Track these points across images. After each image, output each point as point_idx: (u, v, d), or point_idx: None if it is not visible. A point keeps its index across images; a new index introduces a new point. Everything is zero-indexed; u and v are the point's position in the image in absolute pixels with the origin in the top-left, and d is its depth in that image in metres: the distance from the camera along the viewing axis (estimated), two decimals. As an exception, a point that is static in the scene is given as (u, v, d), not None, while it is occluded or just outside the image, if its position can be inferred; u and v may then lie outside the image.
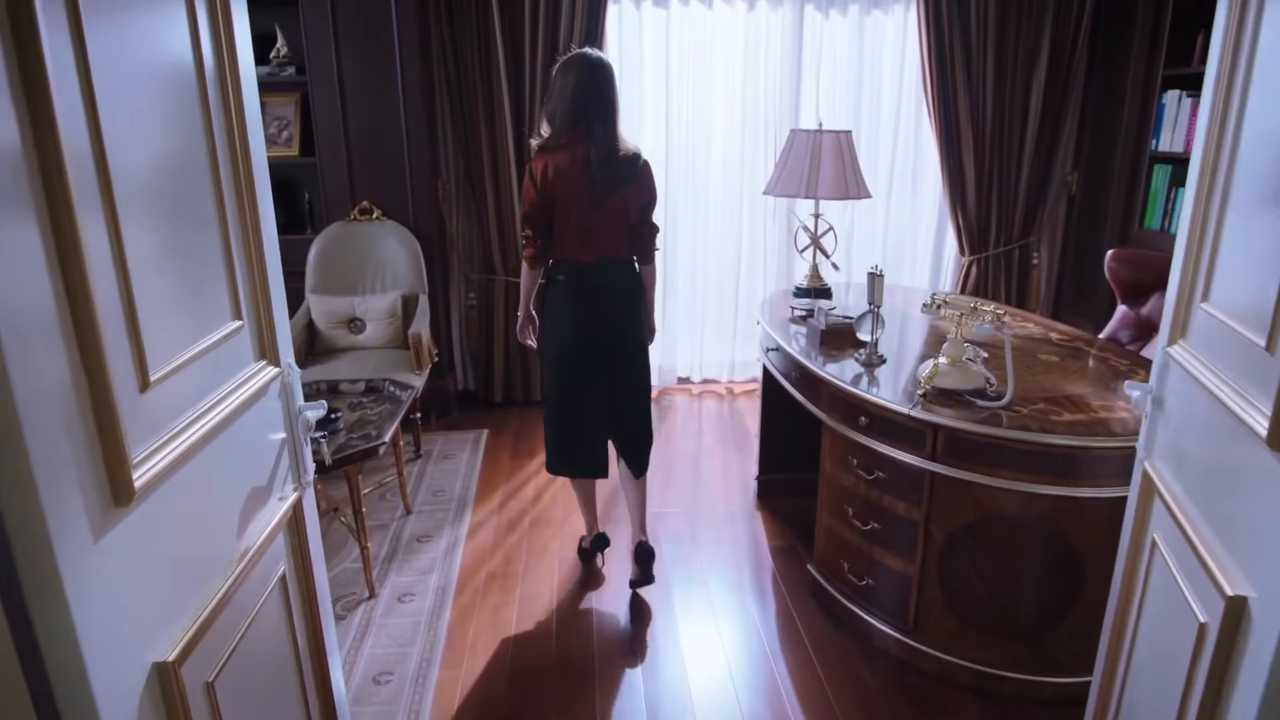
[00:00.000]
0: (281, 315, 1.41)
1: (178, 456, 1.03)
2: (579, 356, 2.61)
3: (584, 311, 2.56)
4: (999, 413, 2.11)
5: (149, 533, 0.98)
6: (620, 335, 2.63)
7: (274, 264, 1.38)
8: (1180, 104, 3.94)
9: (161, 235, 1.05)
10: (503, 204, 4.26)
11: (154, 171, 1.04)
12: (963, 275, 4.66)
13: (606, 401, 2.68)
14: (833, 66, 4.42)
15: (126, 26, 0.99)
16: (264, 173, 1.37)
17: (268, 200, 1.38)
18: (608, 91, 2.47)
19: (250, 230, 1.29)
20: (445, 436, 4.10)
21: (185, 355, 1.07)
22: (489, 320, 4.44)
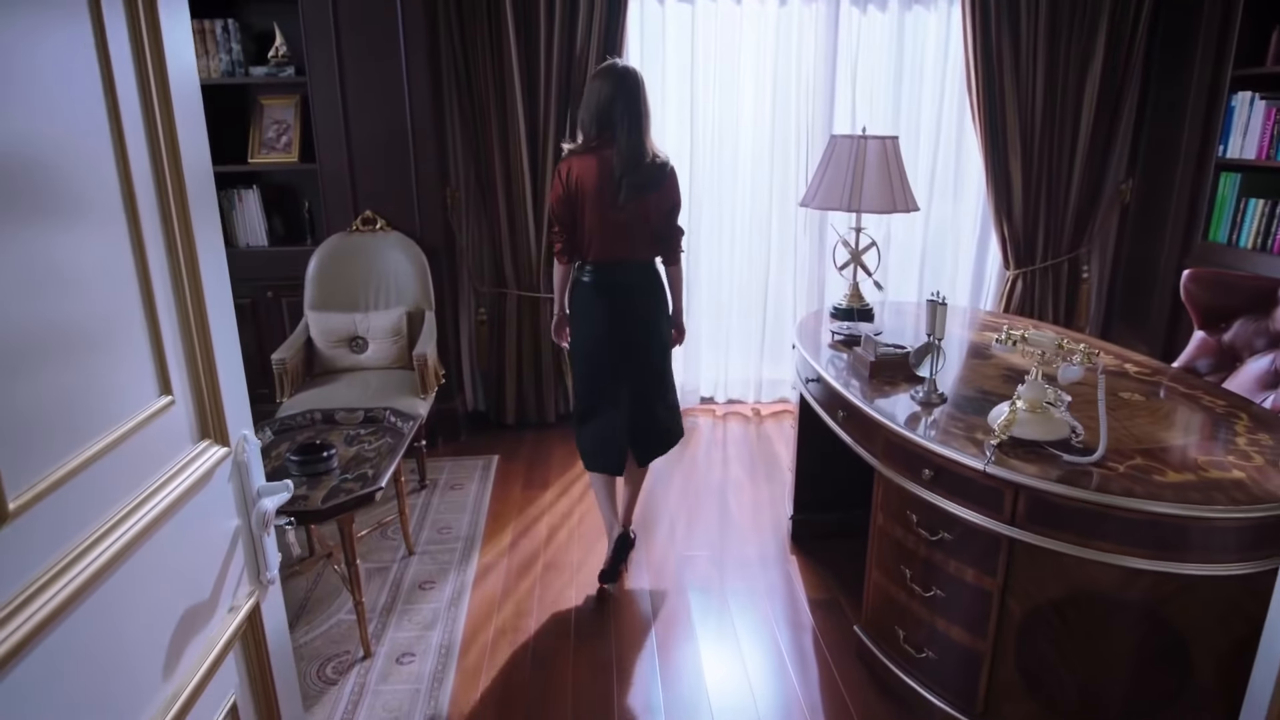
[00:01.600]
0: (233, 376, 1.12)
1: (64, 601, 0.75)
2: (599, 354, 2.74)
3: (604, 311, 2.68)
4: (1089, 470, 1.81)
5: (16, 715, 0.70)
6: (639, 336, 2.72)
7: (222, 312, 1.08)
8: (1253, 106, 3.61)
9: (22, 285, 0.75)
10: (515, 213, 3.98)
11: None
12: (1007, 290, 4.34)
13: (625, 400, 2.76)
14: (870, 66, 4.11)
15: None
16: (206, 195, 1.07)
17: (213, 230, 1.08)
18: (634, 100, 2.53)
19: (184, 271, 1.00)
20: (453, 463, 3.82)
21: (74, 458, 0.79)
22: (501, 337, 4.16)
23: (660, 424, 2.85)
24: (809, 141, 4.14)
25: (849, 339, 2.85)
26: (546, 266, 4.06)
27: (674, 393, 2.94)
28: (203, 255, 1.02)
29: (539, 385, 4.21)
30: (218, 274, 1.07)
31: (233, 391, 1.09)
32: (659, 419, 2.84)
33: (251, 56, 3.80)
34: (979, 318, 3.24)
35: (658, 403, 2.83)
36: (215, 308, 1.05)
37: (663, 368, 2.84)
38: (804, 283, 4.39)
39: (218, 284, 1.07)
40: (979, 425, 2.06)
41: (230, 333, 1.11)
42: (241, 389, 1.13)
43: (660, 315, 2.76)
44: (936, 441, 1.97)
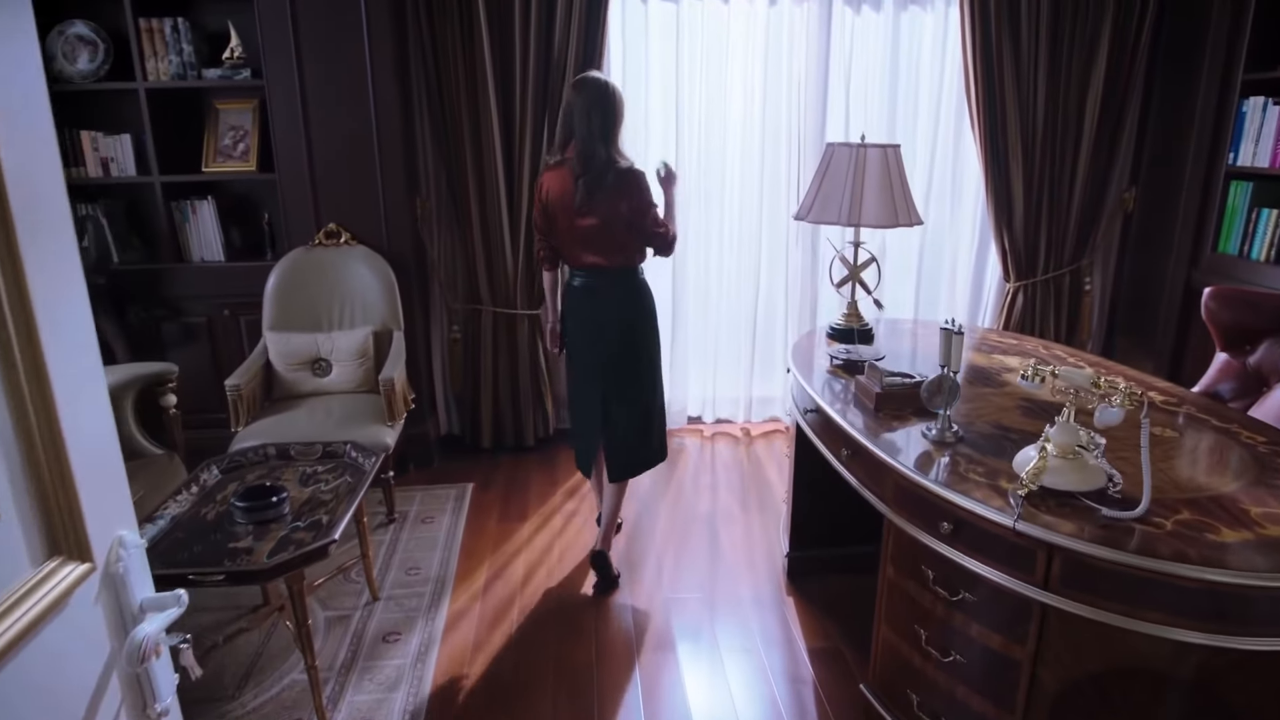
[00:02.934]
0: (100, 465, 0.87)
1: None
2: (579, 357, 2.86)
3: (584, 316, 2.79)
4: (1131, 526, 1.60)
5: None
6: (617, 346, 2.77)
7: (78, 381, 0.82)
8: (1266, 112, 3.44)
9: None
10: (490, 224, 3.74)
11: None
12: (1007, 303, 4.15)
13: (601, 406, 2.83)
14: (864, 69, 3.91)
15: None
16: (49, 217, 0.81)
17: (61, 264, 0.82)
18: (593, 105, 2.57)
19: (11, 330, 0.75)
20: (424, 493, 3.57)
21: None
22: (475, 356, 3.92)
23: (635, 442, 2.86)
24: (801, 148, 3.94)
25: (848, 364, 2.64)
26: (524, 281, 3.83)
27: (657, 410, 2.92)
28: (42, 304, 0.77)
29: (516, 407, 3.97)
30: (70, 328, 0.83)
31: (99, 486, 0.85)
32: (634, 436, 2.85)
33: (205, 58, 3.54)
34: (982, 337, 3.04)
35: (636, 417, 2.84)
36: (66, 375, 0.80)
37: (645, 381, 2.84)
38: (796, 297, 4.17)
39: (70, 341, 0.82)
40: (1002, 470, 1.84)
41: (97, 407, 0.87)
42: (116, 478, 0.89)
43: (642, 325, 2.79)
44: (956, 491, 1.75)
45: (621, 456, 2.87)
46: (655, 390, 2.90)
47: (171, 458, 2.88)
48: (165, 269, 3.64)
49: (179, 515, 2.27)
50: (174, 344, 3.72)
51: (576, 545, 3.14)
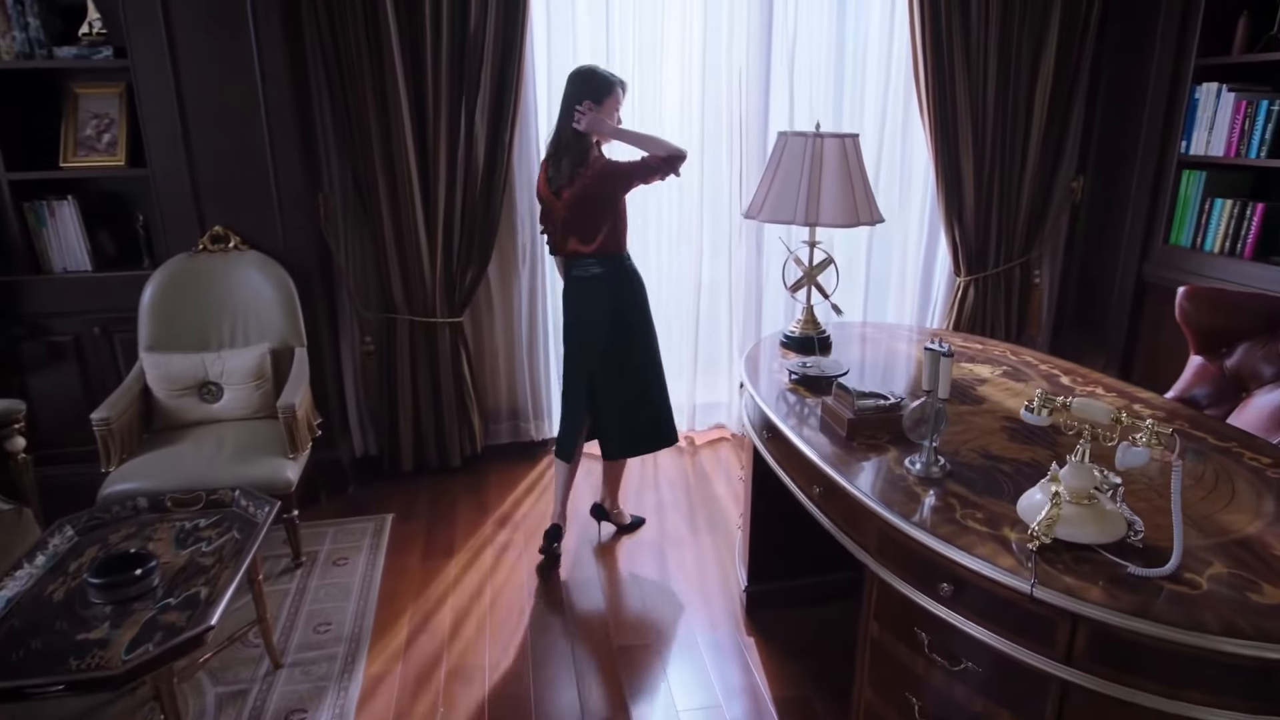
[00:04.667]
0: None
1: None
2: (569, 342, 2.92)
3: (572, 302, 2.88)
4: (1159, 585, 1.37)
5: None
6: (604, 330, 2.81)
7: None
8: (1219, 99, 3.32)
9: None
10: (404, 224, 3.34)
11: None
12: (958, 298, 3.97)
13: (587, 390, 2.88)
14: (809, 53, 3.65)
15: None
16: None
17: None
18: (568, 92, 2.66)
19: None
20: (337, 528, 3.18)
21: None
22: (392, 370, 3.52)
23: (633, 423, 2.91)
24: (743, 137, 3.66)
25: (809, 380, 2.38)
26: (443, 286, 3.46)
27: (658, 392, 2.96)
28: None
29: (440, 425, 3.59)
30: None
31: None
32: (632, 417, 2.91)
33: (57, 34, 3.03)
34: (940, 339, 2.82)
35: (629, 401, 2.89)
36: None
37: (636, 361, 2.87)
38: (740, 296, 3.91)
39: None
40: (1004, 515, 1.60)
41: None
42: None
43: (628, 310, 2.81)
44: (958, 546, 1.50)
45: (620, 437, 2.94)
46: (650, 371, 2.93)
47: (21, 512, 2.43)
48: (19, 282, 3.12)
49: (18, 595, 1.86)
50: (35, 368, 3.22)
51: (510, 586, 2.81)
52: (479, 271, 3.50)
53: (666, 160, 2.69)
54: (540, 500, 3.42)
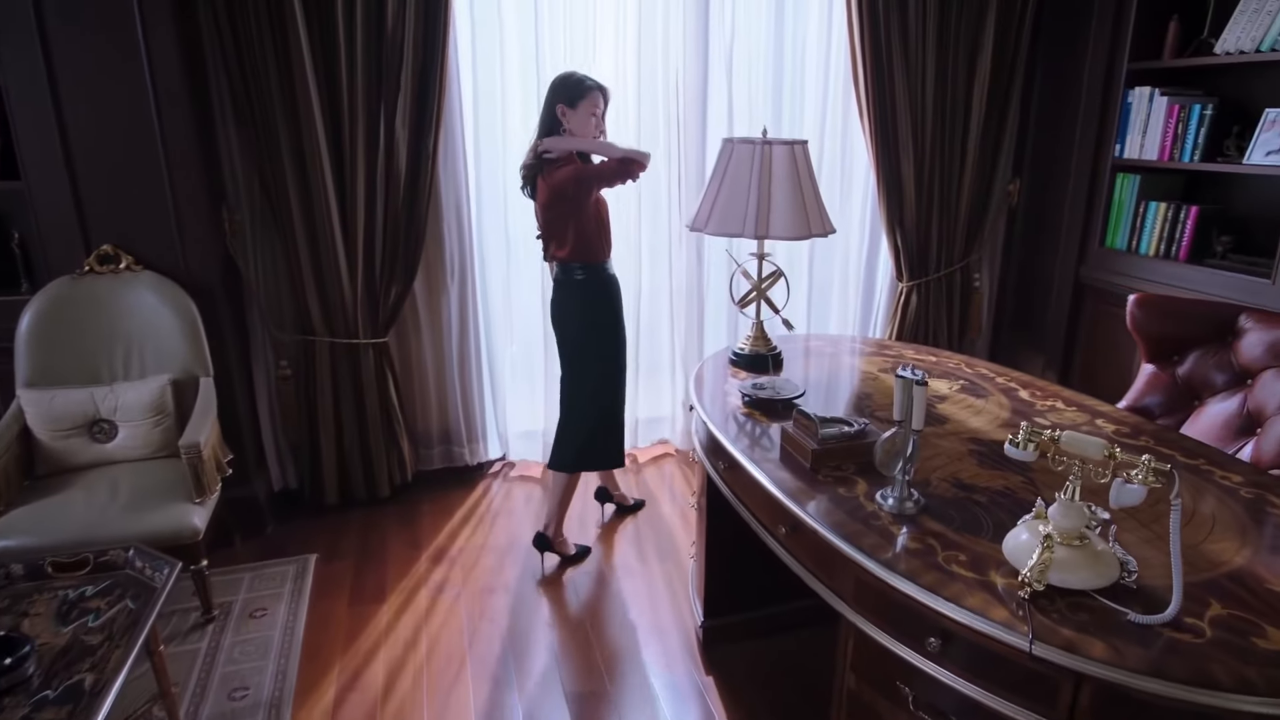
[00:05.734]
0: None
1: None
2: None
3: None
4: (1157, 630, 1.27)
5: None
6: (556, 329, 2.89)
7: None
8: (1152, 103, 3.33)
9: None
10: (320, 238, 3.08)
11: None
12: (900, 304, 3.92)
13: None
14: (747, 55, 3.53)
15: None
16: None
17: None
18: (545, 103, 2.68)
19: None
20: (253, 574, 2.90)
21: None
22: (312, 396, 3.26)
23: (560, 432, 2.94)
24: (682, 141, 3.51)
25: (761, 401, 2.24)
26: (365, 304, 3.21)
27: (577, 412, 2.89)
28: None
29: (366, 453, 3.34)
30: None
31: None
32: (560, 427, 2.94)
33: (-92, 30, 2.67)
34: (898, 354, 2.73)
35: (562, 409, 2.93)
36: None
37: (568, 375, 2.89)
38: (682, 306, 3.76)
39: None
40: (988, 556, 1.48)
41: None
42: None
43: (567, 322, 2.83)
44: (945, 597, 1.37)
45: (557, 440, 2.96)
46: (577, 390, 2.88)
47: None
48: None
49: None
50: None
51: (448, 632, 2.60)
52: (404, 287, 3.26)
53: (621, 164, 2.63)
54: (477, 531, 3.21)
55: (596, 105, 2.64)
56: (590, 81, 2.63)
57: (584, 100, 2.61)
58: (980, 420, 2.12)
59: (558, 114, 2.63)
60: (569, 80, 2.63)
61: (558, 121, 2.64)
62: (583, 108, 2.61)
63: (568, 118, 2.63)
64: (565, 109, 2.62)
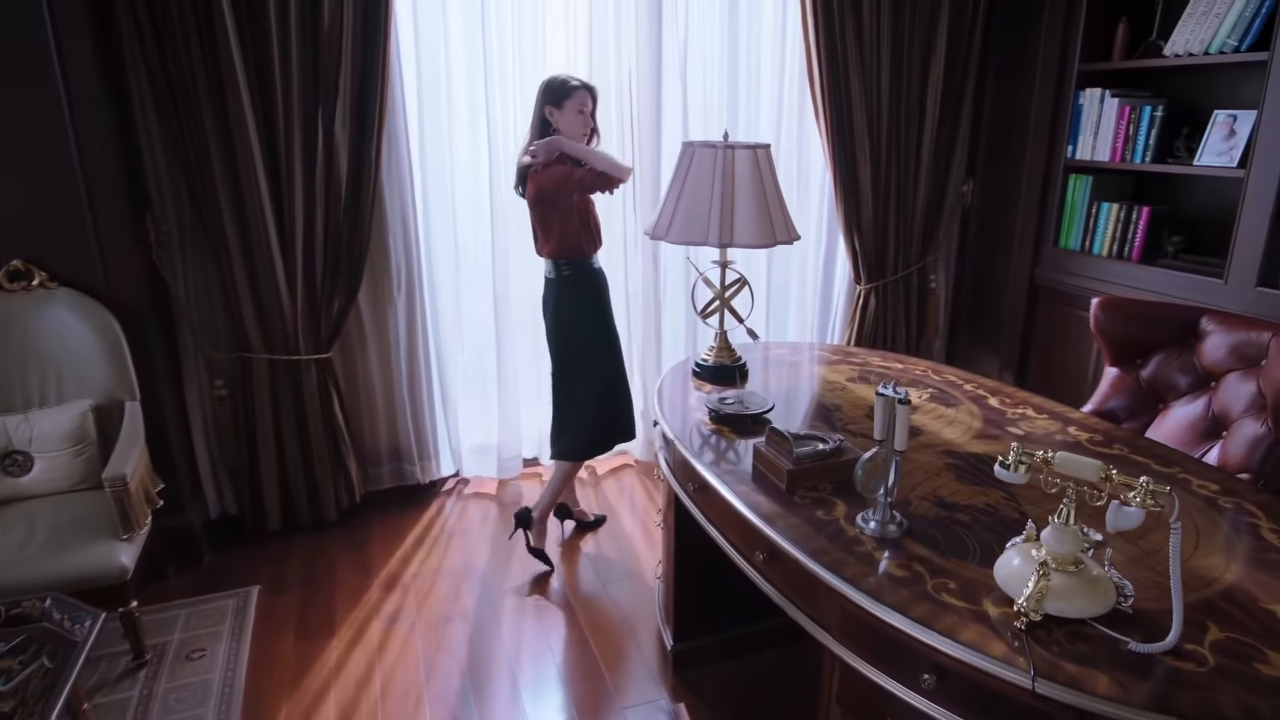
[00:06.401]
0: None
1: None
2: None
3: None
4: (1160, 660, 1.22)
5: None
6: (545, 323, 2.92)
7: None
8: (1104, 104, 3.35)
9: None
10: (255, 249, 2.90)
11: None
12: (859, 306, 3.88)
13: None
14: (702, 56, 3.45)
15: None
16: None
17: None
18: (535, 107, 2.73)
19: None
20: (190, 611, 2.71)
21: None
22: (250, 417, 3.06)
23: (556, 424, 2.98)
24: (636, 144, 3.41)
25: (729, 416, 2.15)
26: (307, 318, 3.04)
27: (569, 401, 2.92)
28: None
29: (311, 475, 3.16)
30: None
31: None
32: (555, 418, 2.98)
33: None
34: (864, 361, 2.67)
35: (555, 402, 2.97)
36: None
37: (557, 369, 2.93)
38: (639, 311, 3.66)
39: None
40: (977, 581, 1.42)
41: None
42: None
43: (551, 318, 2.86)
44: (938, 631, 1.30)
45: (553, 432, 3.01)
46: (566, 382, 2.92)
47: None
48: None
49: None
50: None
51: (403, 666, 2.45)
52: (348, 300, 3.10)
53: (600, 176, 2.68)
54: (431, 554, 3.06)
55: (583, 104, 2.68)
56: (575, 81, 2.68)
57: (569, 100, 2.66)
58: (954, 431, 2.07)
59: (546, 116, 2.68)
60: (553, 83, 2.69)
61: (547, 123, 2.69)
62: (569, 107, 2.66)
63: (556, 118, 2.67)
64: (553, 110, 2.67)
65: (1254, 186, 2.80)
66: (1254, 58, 2.78)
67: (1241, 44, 2.83)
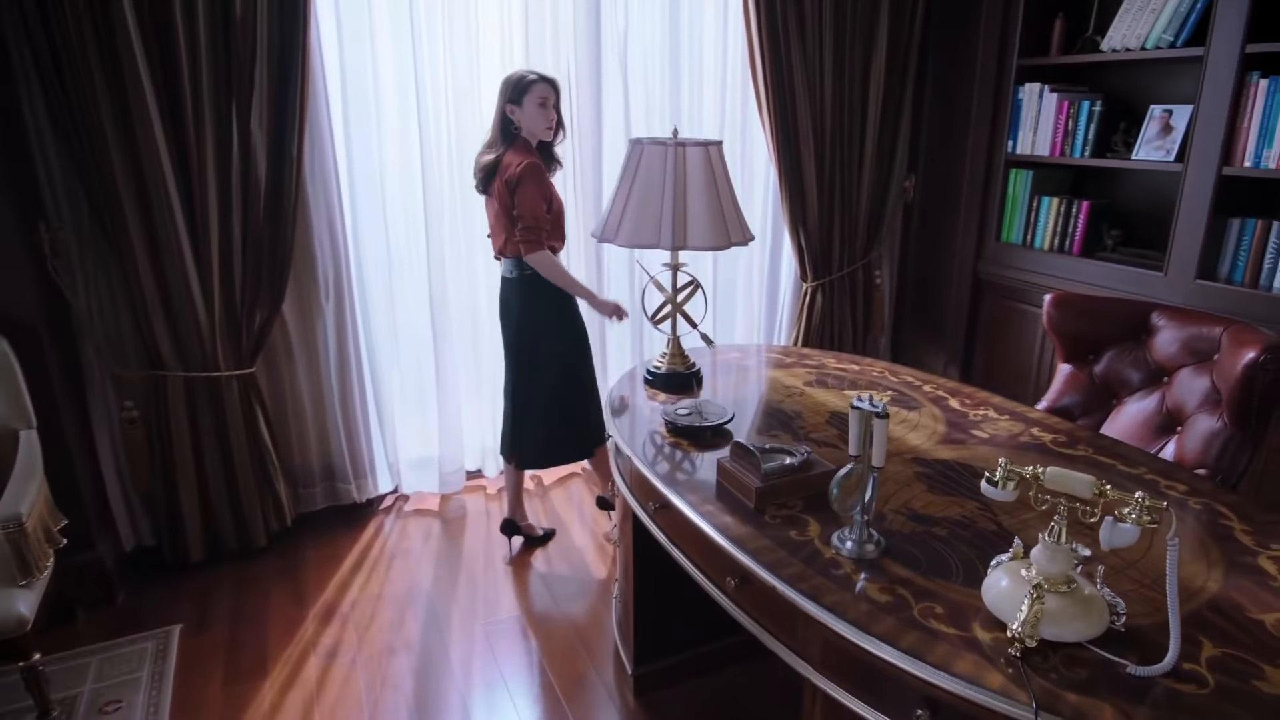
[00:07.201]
0: None
1: None
2: None
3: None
4: (1159, 683, 1.16)
5: None
6: (502, 328, 2.88)
7: None
8: (1042, 99, 3.36)
9: None
10: (165, 257, 2.67)
11: None
12: (805, 304, 3.84)
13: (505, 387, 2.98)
14: (643, 49, 3.34)
15: None
16: None
17: None
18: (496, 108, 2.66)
19: None
20: (102, 657, 2.47)
21: None
22: (166, 439, 2.83)
23: (511, 427, 2.95)
24: (577, 140, 3.27)
25: (687, 429, 2.05)
26: (226, 330, 2.82)
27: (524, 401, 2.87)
28: None
29: (236, 499, 2.94)
30: None
31: None
32: (510, 422, 2.95)
33: None
34: (819, 364, 2.61)
35: (508, 405, 2.95)
36: None
37: (511, 371, 2.89)
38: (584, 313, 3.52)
39: None
40: (963, 603, 1.35)
41: None
42: None
43: (510, 319, 2.81)
44: (930, 663, 1.22)
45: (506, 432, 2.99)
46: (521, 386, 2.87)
47: None
48: None
49: None
50: None
51: (344, 707, 2.28)
52: (271, 310, 2.89)
53: (520, 232, 2.64)
54: (371, 579, 2.88)
55: (544, 96, 2.62)
56: (532, 75, 2.62)
57: (528, 95, 2.60)
58: (919, 437, 2.01)
59: (508, 114, 2.63)
60: (511, 79, 2.63)
61: (510, 121, 2.63)
62: (528, 102, 2.61)
63: (517, 116, 2.62)
64: (513, 108, 2.62)
65: (1191, 180, 2.84)
66: (1189, 53, 2.81)
67: (1177, 39, 2.86)
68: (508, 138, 2.65)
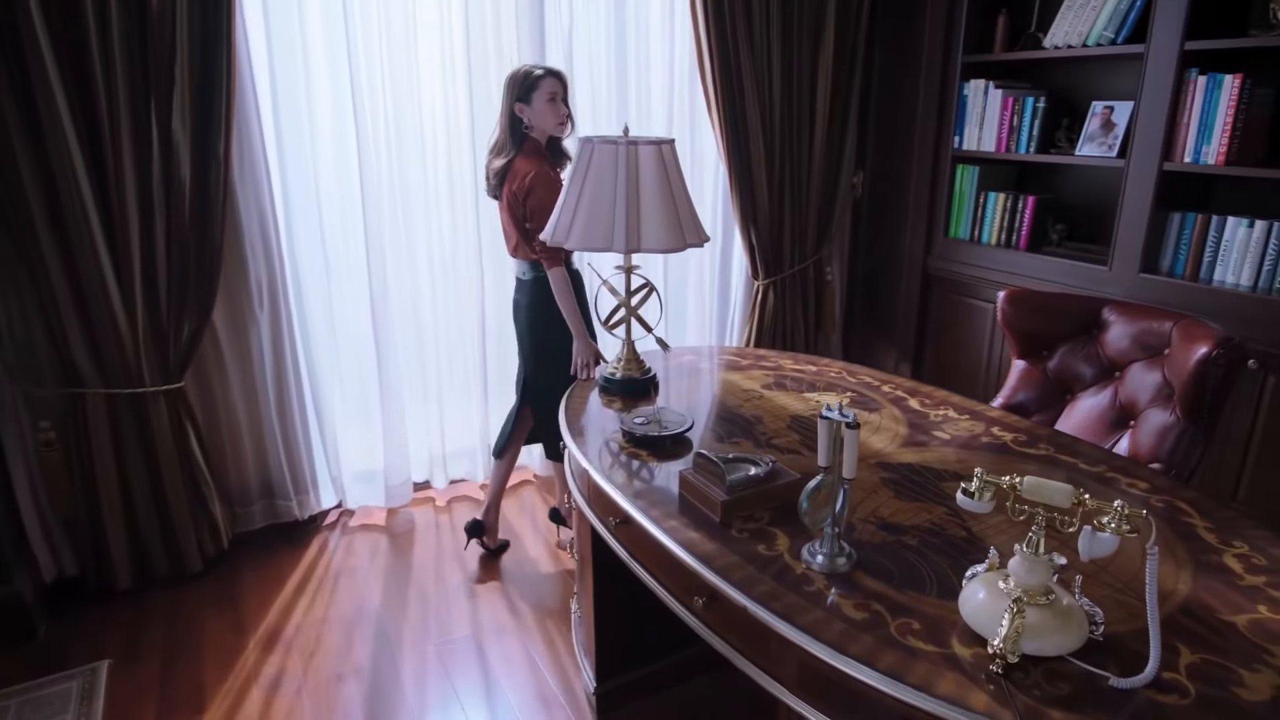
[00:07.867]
0: None
1: None
2: None
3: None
4: (1142, 694, 1.14)
5: None
6: (515, 326, 2.81)
7: None
8: (987, 95, 3.38)
9: None
10: (81, 266, 2.49)
11: None
12: (758, 302, 3.80)
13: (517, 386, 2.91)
14: (588, 43, 3.25)
15: None
16: None
17: None
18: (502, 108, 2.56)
19: None
20: (22, 700, 2.29)
21: None
22: (87, 461, 2.64)
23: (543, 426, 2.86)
24: (522, 140, 3.17)
25: (646, 439, 1.98)
26: (151, 342, 2.65)
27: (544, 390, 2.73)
28: None
29: (167, 522, 2.77)
30: None
31: None
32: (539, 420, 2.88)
33: None
34: (776, 366, 2.57)
35: (533, 406, 2.86)
36: None
37: (527, 370, 2.82)
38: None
39: None
40: (940, 617, 1.31)
41: None
42: None
43: (521, 318, 2.75)
44: (910, 684, 1.17)
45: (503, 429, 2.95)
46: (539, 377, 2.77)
47: None
48: None
49: None
50: None
51: (290, 740, 2.15)
52: (200, 320, 2.72)
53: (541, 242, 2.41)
54: (315, 601, 2.75)
55: (553, 91, 2.51)
56: (539, 70, 2.52)
57: (536, 91, 2.50)
58: (881, 440, 1.98)
59: (517, 113, 2.51)
60: (516, 75, 2.52)
61: (519, 121, 2.52)
62: (538, 99, 2.50)
63: (527, 114, 2.51)
64: (522, 106, 2.51)
65: (1134, 176, 2.88)
66: (1130, 50, 2.85)
67: (1118, 36, 2.89)
68: (518, 139, 2.54)
